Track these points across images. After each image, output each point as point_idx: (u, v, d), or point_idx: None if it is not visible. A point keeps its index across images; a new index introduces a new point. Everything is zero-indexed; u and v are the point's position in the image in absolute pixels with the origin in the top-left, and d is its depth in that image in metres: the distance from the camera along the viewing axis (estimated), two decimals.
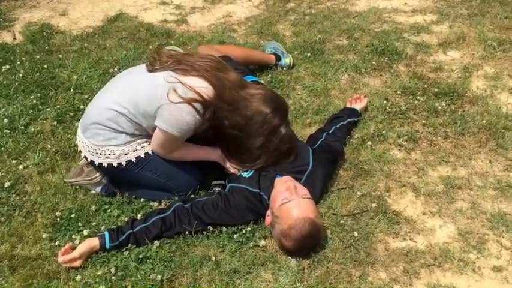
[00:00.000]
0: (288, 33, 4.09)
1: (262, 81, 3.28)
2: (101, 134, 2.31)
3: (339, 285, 2.10)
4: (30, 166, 2.73)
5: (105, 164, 2.35)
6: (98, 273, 2.13)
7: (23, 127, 2.99)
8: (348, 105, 3.09)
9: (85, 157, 2.40)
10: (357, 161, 2.71)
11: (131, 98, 2.25)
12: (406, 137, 2.89)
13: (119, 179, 2.45)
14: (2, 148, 2.84)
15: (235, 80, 2.27)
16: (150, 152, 2.38)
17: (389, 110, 3.10)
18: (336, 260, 2.19)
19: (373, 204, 2.43)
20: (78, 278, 2.12)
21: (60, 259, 2.14)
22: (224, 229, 2.31)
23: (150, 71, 2.28)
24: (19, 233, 2.35)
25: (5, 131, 2.94)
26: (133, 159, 2.35)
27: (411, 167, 2.71)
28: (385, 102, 3.17)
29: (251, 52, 3.43)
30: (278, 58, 3.51)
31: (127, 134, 2.31)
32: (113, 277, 2.11)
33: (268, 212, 2.26)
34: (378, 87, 3.36)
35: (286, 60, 3.52)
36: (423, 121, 3.04)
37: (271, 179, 2.35)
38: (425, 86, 3.34)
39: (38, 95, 3.25)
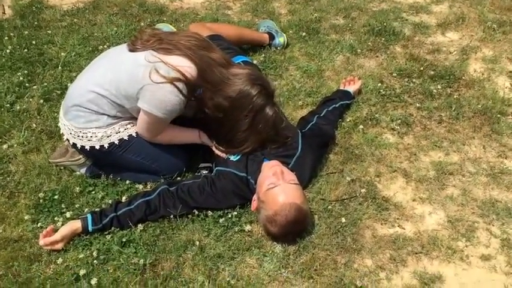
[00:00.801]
0: (284, 11, 3.99)
1: (255, 62, 3.21)
2: (82, 116, 2.25)
3: (323, 272, 2.06)
4: (15, 145, 2.68)
5: (87, 147, 2.29)
6: (80, 257, 2.10)
7: (8, 105, 2.93)
8: (342, 87, 3.02)
9: (67, 140, 2.35)
10: (348, 145, 2.66)
11: (112, 79, 2.18)
12: (400, 120, 2.84)
13: (103, 161, 2.40)
14: None
15: (220, 59, 2.20)
16: (134, 134, 2.32)
17: (384, 92, 3.04)
18: (322, 246, 2.15)
19: (363, 190, 2.38)
20: (59, 261, 2.09)
21: (41, 242, 2.11)
22: (210, 213, 2.27)
23: (131, 50, 2.21)
24: (1, 213, 2.32)
25: None
26: (117, 142, 2.29)
27: (403, 152, 2.66)
28: (379, 84, 3.10)
29: (244, 31, 3.35)
30: (272, 37, 3.43)
31: (109, 116, 2.25)
32: (95, 261, 2.08)
33: (255, 197, 2.22)
34: (373, 68, 3.29)
35: (280, 39, 3.44)
36: (418, 104, 2.97)
37: (259, 163, 2.30)
38: (422, 68, 3.27)
39: (25, 71, 3.18)
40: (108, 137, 2.28)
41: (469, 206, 2.37)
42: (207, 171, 2.42)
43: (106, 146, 2.29)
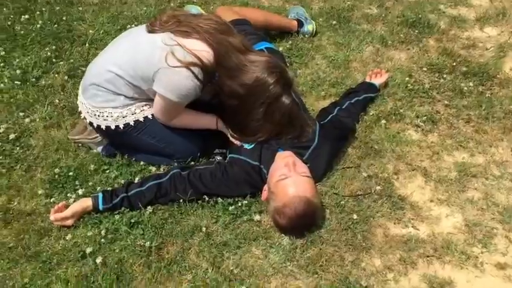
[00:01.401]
0: None
1: (281, 49, 3.15)
2: (99, 95, 2.26)
3: (329, 268, 2.02)
4: (38, 120, 2.72)
5: (103, 126, 2.30)
6: (88, 234, 2.12)
7: (34, 79, 2.97)
8: (368, 80, 2.94)
9: (84, 118, 2.36)
10: (368, 140, 2.58)
11: (129, 60, 2.17)
12: (425, 117, 2.74)
13: (118, 141, 2.41)
14: (12, 100, 2.83)
15: (238, 44, 2.15)
16: (150, 116, 2.31)
17: (411, 87, 2.93)
18: (330, 241, 2.11)
19: (378, 187, 2.32)
20: (68, 237, 2.11)
21: (52, 217, 2.13)
22: (220, 200, 2.25)
23: (149, 31, 2.19)
24: (18, 186, 2.36)
25: (16, 82, 2.93)
26: (132, 123, 2.29)
27: (425, 150, 2.57)
28: (407, 78, 3.00)
29: (272, 16, 3.28)
30: (301, 24, 3.36)
31: (126, 96, 2.24)
32: (103, 239, 2.09)
33: (265, 187, 2.19)
34: (403, 62, 3.18)
35: (309, 27, 3.36)
36: (446, 102, 2.86)
37: (273, 153, 2.26)
38: (454, 64, 3.14)
39: (54, 47, 3.21)
40: (123, 117, 2.28)
41: (490, 211, 2.27)
42: (221, 158, 2.39)
43: (121, 126, 2.29)
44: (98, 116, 2.29)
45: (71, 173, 2.38)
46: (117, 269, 1.99)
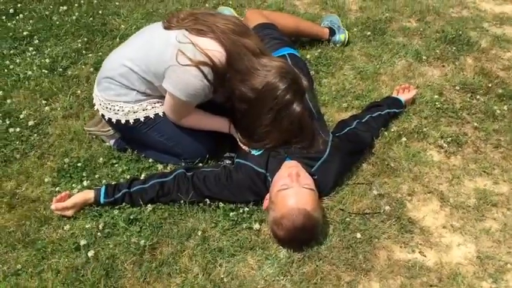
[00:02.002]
0: (355, 8, 3.80)
1: (308, 56, 3.09)
2: (112, 88, 2.26)
3: (324, 287, 1.93)
4: (58, 109, 2.76)
5: (114, 120, 2.30)
6: (87, 227, 2.12)
7: (61, 69, 3.02)
8: (395, 94, 2.82)
9: (97, 110, 2.37)
10: (385, 156, 2.47)
11: (143, 55, 2.16)
12: (450, 138, 2.59)
13: (128, 136, 2.40)
14: (37, 87, 2.89)
15: (253, 47, 2.10)
16: (161, 114, 2.29)
17: (440, 106, 2.80)
18: (329, 259, 2.02)
19: (387, 207, 2.20)
20: (66, 227, 2.12)
21: (53, 206, 2.15)
22: (221, 205, 2.20)
23: (165, 28, 2.17)
24: (28, 172, 2.39)
25: (44, 71, 2.99)
26: (142, 119, 2.28)
27: (445, 173, 2.43)
28: (437, 96, 2.86)
29: (303, 23, 3.22)
30: (332, 33, 3.28)
31: (138, 92, 2.24)
32: (99, 233, 2.09)
33: (267, 196, 2.12)
34: (435, 79, 3.04)
35: (341, 36, 3.27)
36: (475, 124, 2.71)
37: (280, 161, 2.19)
38: (490, 85, 2.98)
39: (85, 39, 3.27)
40: (134, 112, 2.27)
41: (506, 244, 2.12)
42: (230, 162, 2.35)
43: (131, 121, 2.29)
44: (110, 109, 2.29)
45: (79, 164, 2.39)
46: (108, 264, 1.97)
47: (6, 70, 3.01)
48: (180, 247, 2.05)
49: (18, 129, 2.59)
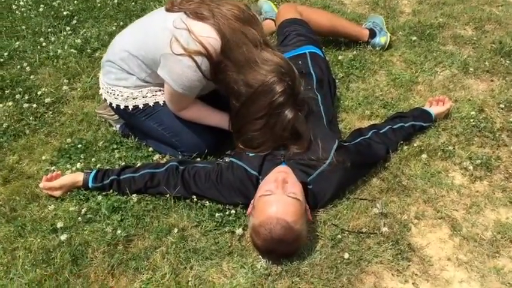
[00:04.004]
0: (408, 10, 3.54)
1: (340, 57, 2.91)
2: (113, 72, 2.21)
3: None
4: (78, 89, 2.77)
5: (114, 105, 2.26)
6: (70, 209, 2.09)
7: (90, 51, 3.04)
8: (427, 106, 2.57)
9: (101, 94, 2.33)
10: (399, 173, 2.25)
11: (142, 39, 2.09)
12: (480, 161, 2.32)
13: (128, 122, 2.35)
14: (64, 66, 2.92)
15: (255, 37, 1.95)
16: (161, 103, 2.22)
17: (476, 124, 2.51)
18: (308, 277, 1.85)
19: (385, 229, 1.99)
20: (51, 207, 2.10)
21: (41, 184, 2.14)
22: (208, 204, 2.09)
23: (167, 9, 2.06)
24: (32, 149, 2.41)
25: (73, 51, 3.02)
26: (141, 106, 2.22)
27: (464, 199, 2.17)
28: (475, 113, 2.57)
29: (339, 22, 3.01)
30: (373, 35, 3.05)
31: (138, 78, 2.17)
32: (80, 218, 2.05)
33: (253, 201, 1.98)
34: (479, 93, 2.75)
35: (381, 39, 3.04)
36: None
37: (275, 165, 2.04)
38: None
39: (121, 23, 3.27)
40: (133, 99, 2.21)
41: None
42: (228, 160, 2.22)
43: (130, 107, 2.23)
44: (110, 93, 2.24)
45: (80, 146, 2.37)
46: (79, 250, 1.92)
47: (39, 47, 3.07)
48: (155, 243, 1.97)
49: (34, 105, 2.62)
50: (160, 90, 2.21)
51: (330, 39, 3.11)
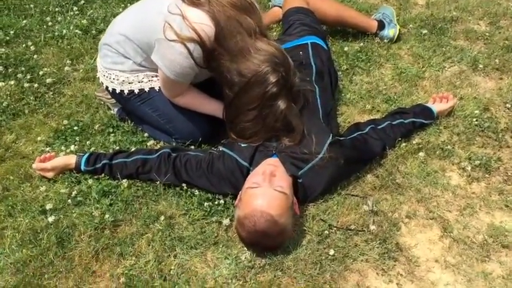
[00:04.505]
0: (421, 2, 3.46)
1: (346, 48, 2.85)
2: (109, 55, 2.20)
3: None
4: (80, 71, 2.78)
5: (110, 88, 2.25)
6: (61, 191, 2.10)
7: (95, 32, 3.04)
8: (430, 103, 2.51)
9: (99, 77, 2.33)
10: (394, 170, 2.21)
11: (138, 23, 2.08)
12: (479, 162, 2.26)
13: (124, 107, 2.34)
14: (68, 47, 2.93)
15: (250, 26, 1.91)
16: (156, 89, 2.21)
17: (480, 123, 2.45)
18: (291, 271, 1.83)
19: (373, 227, 1.96)
20: (42, 188, 2.11)
21: (34, 165, 2.15)
22: (198, 193, 2.08)
23: None
24: (30, 129, 2.43)
25: (78, 31, 3.02)
26: (136, 91, 2.21)
27: (459, 200, 2.12)
28: (479, 112, 2.50)
29: (347, 12, 2.95)
30: (382, 26, 2.99)
31: (134, 62, 2.16)
32: (69, 200, 2.06)
33: (241, 192, 1.96)
34: (486, 91, 2.68)
35: (390, 31, 2.98)
36: None
37: (266, 157, 2.02)
38: None
39: (128, 5, 3.24)
40: (129, 83, 2.21)
41: None
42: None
43: (126, 92, 2.22)
44: (107, 77, 2.24)
45: (76, 128, 2.38)
46: (66, 233, 1.93)
47: (45, 26, 3.08)
48: (142, 229, 1.97)
49: (36, 85, 2.64)
50: (156, 76, 2.20)
51: (337, 30, 3.05)
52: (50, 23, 3.08)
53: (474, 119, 2.45)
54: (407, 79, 2.74)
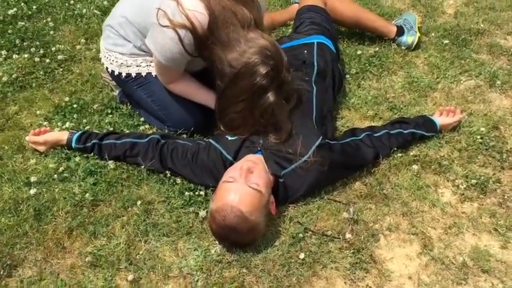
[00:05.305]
0: (450, 12, 3.33)
1: (359, 52, 2.80)
2: (111, 37, 2.23)
3: None
4: (93, 50, 2.82)
5: (109, 70, 2.28)
6: (50, 166, 2.14)
7: None
8: (436, 116, 2.42)
9: (101, 58, 2.36)
10: (384, 180, 2.15)
11: (138, 6, 2.09)
12: (476, 181, 2.17)
13: (123, 89, 2.37)
14: (85, 26, 2.98)
15: (244, 17, 1.88)
16: (153, 74, 2.22)
17: (485, 141, 2.34)
18: (257, 271, 1.81)
19: (349, 235, 1.91)
20: (32, 161, 2.17)
21: (27, 137, 2.20)
22: (180, 181, 2.09)
23: None
24: (34, 103, 2.49)
25: (97, 12, 3.07)
26: (134, 74, 2.23)
27: (447, 218, 2.04)
28: (486, 130, 2.40)
29: (365, 15, 2.87)
30: (401, 32, 2.90)
31: (134, 46, 2.17)
32: (55, 175, 2.10)
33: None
34: (499, 110, 2.56)
35: (409, 38, 2.89)
36: None
37: (250, 153, 2.00)
38: None
39: None
40: (127, 66, 2.23)
41: None
42: None
43: (123, 74, 2.25)
44: (107, 58, 2.27)
45: (75, 105, 2.43)
46: (45, 206, 1.97)
47: (67, 4, 3.14)
48: (119, 212, 1.99)
49: (47, 61, 2.70)
50: None
51: (355, 32, 2.98)
52: (72, 1, 3.15)
53: (479, 137, 2.34)
54: (418, 89, 2.65)
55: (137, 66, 2.21)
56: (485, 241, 1.97)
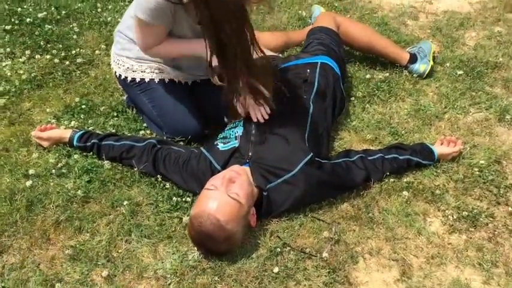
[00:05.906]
0: (470, 44, 3.30)
1: (368, 76, 2.82)
2: (120, 42, 2.32)
3: None
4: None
5: (117, 73, 2.38)
6: (50, 161, 2.24)
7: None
8: (437, 144, 2.40)
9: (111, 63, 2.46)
10: (372, 204, 2.14)
11: None
12: (468, 213, 2.13)
13: (128, 94, 2.46)
14: (108, 33, 3.12)
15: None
16: (156, 80, 2.30)
17: (483, 175, 2.30)
18: (229, 280, 1.84)
19: (326, 254, 1.91)
20: (35, 155, 2.27)
21: (33, 132, 2.32)
22: (170, 186, 2.14)
23: None
24: (48, 101, 2.61)
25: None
26: (138, 79, 2.32)
27: (431, 248, 2.01)
28: (487, 163, 2.35)
29: (378, 40, 2.88)
30: (413, 60, 2.90)
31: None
32: (54, 170, 2.19)
33: None
34: (504, 144, 2.51)
35: (421, 66, 2.88)
36: None
37: (238, 164, 2.04)
38: None
39: None
40: (133, 71, 2.32)
41: None
42: None
43: (129, 79, 2.34)
44: (116, 62, 2.38)
45: (84, 106, 2.53)
46: (37, 198, 2.06)
47: (94, 11, 3.29)
48: (107, 210, 2.06)
49: (67, 63, 2.83)
50: (158, 69, 2.30)
51: (368, 56, 3.00)
52: (99, 9, 3.29)
53: (476, 169, 2.30)
54: (423, 117, 2.63)
55: (142, 72, 2.30)
56: (468, 275, 1.93)
